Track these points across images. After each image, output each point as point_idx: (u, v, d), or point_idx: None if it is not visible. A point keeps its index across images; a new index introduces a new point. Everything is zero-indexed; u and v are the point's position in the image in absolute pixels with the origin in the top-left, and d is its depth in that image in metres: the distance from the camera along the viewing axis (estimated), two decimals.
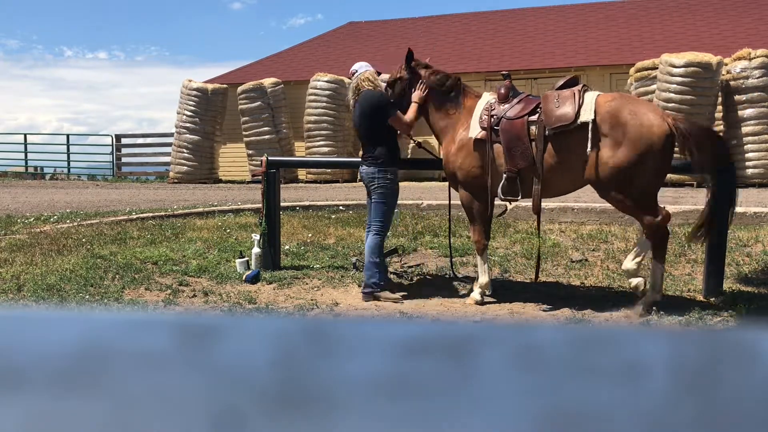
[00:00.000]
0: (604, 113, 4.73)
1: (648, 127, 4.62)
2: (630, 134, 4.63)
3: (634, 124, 4.64)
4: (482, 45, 17.53)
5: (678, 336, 0.38)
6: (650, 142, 4.62)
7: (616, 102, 4.82)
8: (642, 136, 4.63)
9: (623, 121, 4.67)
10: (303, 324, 0.40)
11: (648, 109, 4.83)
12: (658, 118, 4.71)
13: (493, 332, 0.40)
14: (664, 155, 4.69)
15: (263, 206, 6.15)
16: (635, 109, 4.74)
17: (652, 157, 4.63)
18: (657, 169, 4.75)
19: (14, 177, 20.34)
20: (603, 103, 4.80)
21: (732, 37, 15.11)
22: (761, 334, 0.38)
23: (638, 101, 5.14)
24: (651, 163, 4.66)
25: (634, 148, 4.63)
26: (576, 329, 0.39)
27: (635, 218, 5.13)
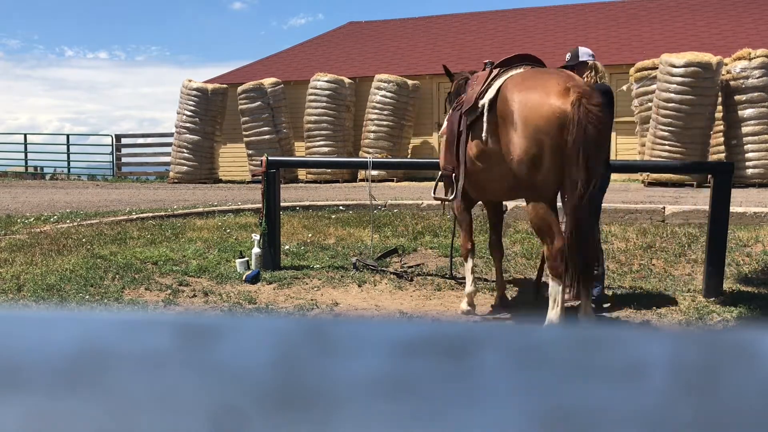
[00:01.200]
0: (502, 96, 4.08)
1: (536, 109, 3.89)
2: (517, 119, 3.95)
3: (522, 106, 3.94)
4: (482, 45, 17.52)
5: (678, 336, 0.38)
6: (539, 126, 3.86)
7: (513, 79, 4.14)
8: (528, 122, 3.90)
9: (510, 101, 4.01)
10: (303, 324, 0.40)
11: (541, 86, 3.97)
12: (551, 96, 3.86)
13: (493, 332, 0.40)
14: (558, 143, 3.82)
15: (263, 206, 6.15)
16: (527, 86, 4.01)
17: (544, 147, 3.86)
18: (551, 164, 3.88)
19: (14, 177, 20.33)
20: (508, 83, 4.13)
21: (732, 37, 15.11)
22: (761, 334, 0.38)
23: (542, 75, 4.12)
24: (546, 156, 3.87)
25: (523, 136, 3.91)
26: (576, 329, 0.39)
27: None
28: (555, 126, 3.81)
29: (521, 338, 0.39)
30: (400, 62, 17.26)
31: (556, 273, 3.90)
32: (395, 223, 7.79)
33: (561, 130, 3.79)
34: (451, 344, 0.38)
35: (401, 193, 10.61)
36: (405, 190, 11.53)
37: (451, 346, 0.38)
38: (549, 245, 3.94)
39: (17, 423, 0.36)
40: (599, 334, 0.39)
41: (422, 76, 15.93)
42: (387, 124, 14.98)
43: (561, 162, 3.82)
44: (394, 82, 15.06)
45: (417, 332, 0.39)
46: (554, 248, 3.89)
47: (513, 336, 0.39)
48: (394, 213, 8.43)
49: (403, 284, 5.66)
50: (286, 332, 0.40)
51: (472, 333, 0.39)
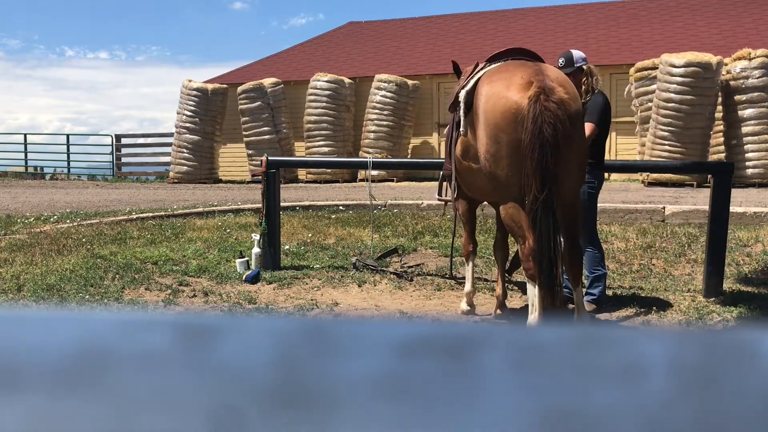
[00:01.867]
0: (477, 89, 3.92)
1: (494, 103, 3.71)
2: (480, 112, 3.79)
3: (484, 99, 3.77)
4: (482, 45, 17.51)
5: (678, 336, 0.38)
6: (495, 122, 3.68)
7: (488, 72, 3.97)
8: (487, 116, 3.72)
9: (478, 95, 3.84)
10: (303, 324, 0.40)
11: (504, 78, 3.77)
12: (510, 89, 3.67)
13: (493, 332, 0.40)
14: (515, 139, 3.62)
15: (263, 206, 6.15)
16: (493, 79, 3.83)
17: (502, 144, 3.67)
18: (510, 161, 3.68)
19: (14, 177, 20.33)
20: (483, 76, 3.97)
21: (732, 37, 15.11)
22: (761, 334, 0.38)
23: (512, 68, 3.89)
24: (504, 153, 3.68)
25: (484, 132, 3.75)
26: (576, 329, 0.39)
27: None
28: (510, 122, 3.61)
29: (521, 338, 0.39)
30: (400, 62, 17.26)
31: (529, 274, 3.73)
32: (395, 223, 7.79)
33: (516, 126, 3.58)
34: (451, 344, 0.38)
35: (401, 193, 10.61)
36: (405, 190, 11.53)
37: (451, 346, 0.38)
38: (521, 245, 3.78)
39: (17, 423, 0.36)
40: (599, 334, 0.39)
41: (422, 76, 15.93)
42: (387, 124, 14.98)
43: (521, 161, 3.61)
44: (394, 82, 15.06)
45: (417, 332, 0.39)
46: (525, 249, 3.71)
47: (513, 336, 0.39)
48: (394, 213, 8.43)
49: (403, 284, 5.66)
50: (286, 332, 0.40)
51: (472, 333, 0.39)
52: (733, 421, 0.34)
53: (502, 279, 4.89)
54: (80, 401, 0.37)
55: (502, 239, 4.94)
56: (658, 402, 0.35)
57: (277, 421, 0.36)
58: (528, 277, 3.74)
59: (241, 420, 0.36)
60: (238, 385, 0.37)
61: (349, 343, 0.39)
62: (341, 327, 0.40)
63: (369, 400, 0.36)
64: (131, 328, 0.41)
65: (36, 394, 0.37)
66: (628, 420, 0.35)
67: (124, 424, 0.36)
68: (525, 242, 3.71)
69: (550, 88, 3.59)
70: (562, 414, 0.35)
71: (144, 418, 0.36)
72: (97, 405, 0.37)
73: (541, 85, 3.58)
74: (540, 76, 3.66)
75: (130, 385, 0.37)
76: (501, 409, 0.36)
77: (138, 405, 0.37)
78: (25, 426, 0.36)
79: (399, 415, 0.36)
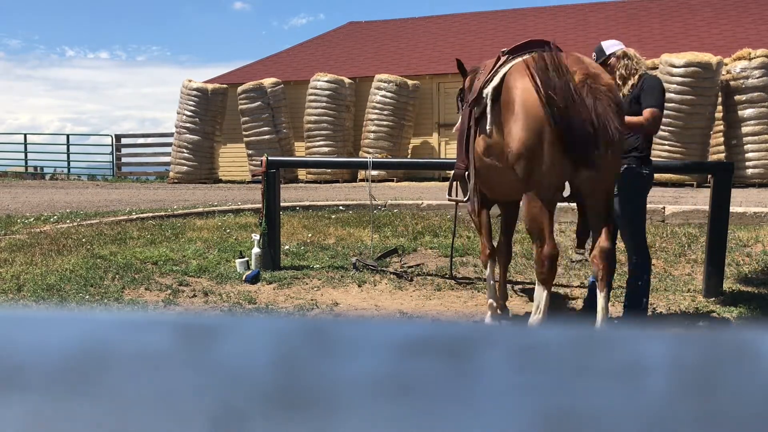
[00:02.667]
0: (506, 83, 3.74)
1: (537, 96, 3.53)
2: (518, 107, 3.60)
3: (523, 92, 3.60)
4: (482, 45, 17.52)
5: (678, 336, 0.38)
6: (537, 115, 3.52)
7: (519, 65, 3.74)
8: (528, 110, 3.56)
9: (513, 89, 3.67)
10: (303, 324, 0.40)
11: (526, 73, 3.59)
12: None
13: (493, 332, 0.40)
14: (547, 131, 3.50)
15: (263, 206, 6.15)
16: (526, 72, 3.63)
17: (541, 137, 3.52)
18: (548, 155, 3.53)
19: (14, 177, 20.33)
20: (513, 69, 3.78)
21: (732, 37, 15.11)
22: (761, 334, 0.38)
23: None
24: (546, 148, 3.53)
25: (522, 125, 3.58)
26: (576, 329, 0.39)
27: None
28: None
29: (521, 338, 0.39)
30: (400, 62, 17.26)
31: (542, 279, 3.64)
32: (395, 223, 7.79)
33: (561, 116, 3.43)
34: (451, 344, 0.38)
35: (401, 193, 10.61)
36: (405, 190, 11.53)
37: (451, 346, 0.38)
38: (538, 248, 3.65)
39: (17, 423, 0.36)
40: (599, 334, 0.39)
41: (422, 76, 15.93)
42: (387, 124, 14.98)
43: (564, 156, 3.46)
44: (394, 82, 15.06)
45: (417, 332, 0.39)
46: (543, 253, 3.59)
47: (513, 336, 0.39)
48: (394, 213, 8.43)
49: (403, 284, 5.66)
50: (286, 332, 0.40)
51: (472, 333, 0.39)
52: (734, 421, 0.34)
53: (504, 282, 4.79)
54: (80, 401, 0.37)
55: (506, 242, 4.77)
56: (659, 402, 0.35)
57: (277, 421, 0.36)
58: (540, 280, 3.65)
59: (241, 420, 0.36)
60: (238, 385, 0.37)
61: (349, 343, 0.39)
62: (341, 327, 0.40)
63: (369, 400, 0.36)
64: (131, 328, 0.41)
65: (36, 394, 0.37)
66: (628, 420, 0.35)
67: (124, 424, 0.36)
68: (542, 246, 3.60)
69: (595, 75, 3.49)
70: (563, 414, 0.35)
71: (144, 418, 0.36)
72: (97, 405, 0.37)
73: (585, 71, 3.47)
74: (580, 63, 3.55)
75: (130, 385, 0.37)
76: (501, 409, 0.36)
77: (138, 405, 0.37)
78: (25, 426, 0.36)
79: (399, 415, 0.36)
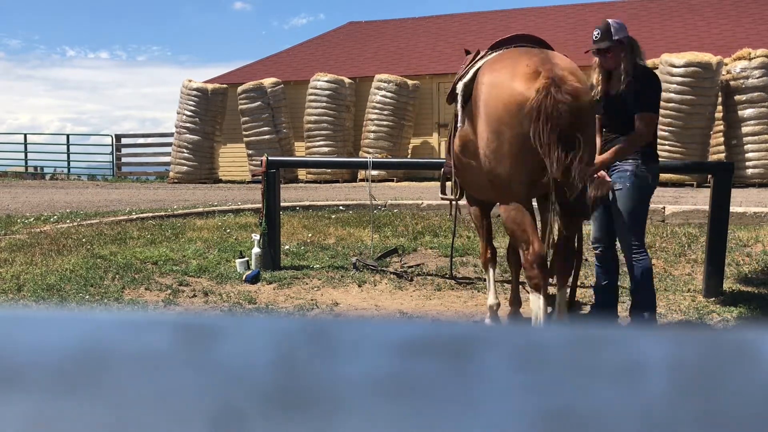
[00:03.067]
0: (477, 79, 3.56)
1: (497, 94, 3.36)
2: (481, 104, 3.44)
3: (486, 89, 3.42)
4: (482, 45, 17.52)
5: (678, 336, 0.38)
6: (498, 115, 3.33)
7: (490, 60, 3.61)
8: (488, 109, 3.38)
9: (479, 85, 3.49)
10: (303, 324, 0.40)
11: (508, 67, 3.42)
12: (515, 79, 3.32)
13: (493, 332, 0.40)
14: (520, 134, 3.27)
15: (263, 206, 6.15)
16: (496, 68, 3.47)
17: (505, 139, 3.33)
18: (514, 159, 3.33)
19: (14, 177, 20.34)
20: (484, 65, 3.62)
21: (732, 37, 15.11)
22: (761, 334, 0.38)
23: (517, 55, 3.53)
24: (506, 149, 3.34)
25: (485, 125, 3.40)
26: (576, 329, 0.39)
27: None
28: (514, 115, 3.25)
29: (521, 338, 0.39)
30: (400, 62, 17.26)
31: (533, 284, 3.39)
32: (395, 223, 7.79)
33: (521, 120, 3.23)
34: (451, 344, 0.38)
35: (401, 193, 10.61)
36: (405, 190, 11.53)
37: (451, 346, 0.38)
38: (524, 251, 3.42)
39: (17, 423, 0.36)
40: (599, 334, 0.39)
41: (422, 76, 15.93)
42: (387, 124, 14.98)
43: (527, 158, 3.27)
44: (394, 82, 15.06)
45: (417, 332, 0.39)
46: (530, 255, 3.37)
47: (513, 336, 0.39)
48: (394, 213, 8.43)
49: (403, 284, 5.66)
50: (286, 332, 0.40)
51: (472, 333, 0.39)
52: (734, 421, 0.34)
53: (516, 287, 4.53)
54: (80, 401, 0.37)
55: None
56: (659, 402, 0.35)
57: (277, 421, 0.36)
58: (532, 286, 3.41)
59: (241, 420, 0.36)
60: (239, 386, 0.37)
61: (349, 343, 0.39)
62: (341, 327, 0.40)
63: (369, 401, 0.36)
64: (131, 328, 0.41)
65: (36, 394, 0.37)
66: (628, 420, 0.35)
67: (124, 424, 0.36)
68: (529, 247, 3.38)
69: (561, 78, 3.24)
70: (563, 414, 0.35)
71: (144, 418, 0.36)
72: (97, 405, 0.37)
73: (550, 74, 3.23)
74: (548, 64, 3.31)
75: (130, 385, 0.37)
76: (501, 409, 0.36)
77: (138, 405, 0.37)
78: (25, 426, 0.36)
79: (399, 415, 0.36)
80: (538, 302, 3.41)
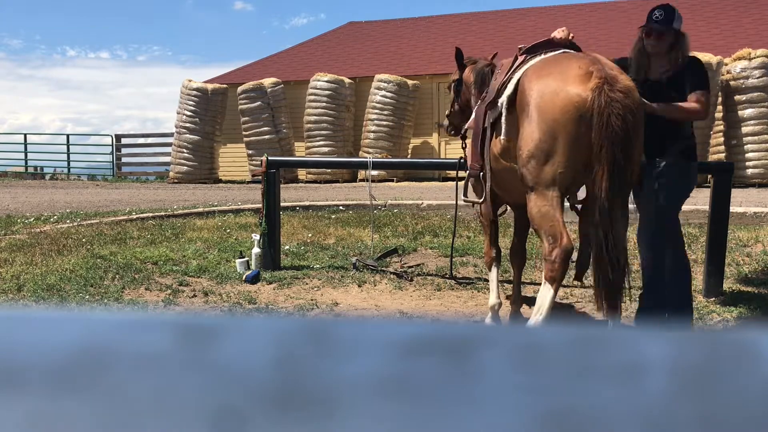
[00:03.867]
0: (521, 87, 3.60)
1: (551, 98, 3.40)
2: (532, 109, 3.47)
3: (537, 95, 3.46)
4: (482, 45, 17.52)
5: (678, 336, 0.38)
6: (553, 118, 3.38)
7: (534, 67, 3.65)
8: (543, 111, 3.42)
9: (527, 91, 3.53)
10: (303, 324, 0.40)
11: (558, 71, 3.48)
12: (568, 82, 3.38)
13: (493, 332, 0.40)
14: (574, 136, 3.34)
15: (263, 206, 6.15)
16: (545, 73, 3.53)
17: (559, 142, 3.38)
18: (567, 159, 3.39)
19: (14, 177, 20.34)
20: (528, 71, 3.65)
21: (732, 37, 15.11)
22: (761, 334, 0.38)
23: (563, 59, 3.62)
24: (559, 151, 3.39)
25: (538, 128, 3.44)
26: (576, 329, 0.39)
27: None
28: (572, 117, 3.33)
29: (521, 338, 0.39)
30: (400, 62, 17.26)
31: (551, 277, 3.39)
32: (395, 223, 7.79)
33: (579, 121, 3.31)
34: (451, 344, 0.38)
35: (401, 193, 10.61)
36: (405, 190, 11.53)
37: (451, 346, 0.38)
38: (551, 244, 3.41)
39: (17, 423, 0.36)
40: (599, 334, 0.39)
41: (422, 76, 15.94)
42: (387, 124, 14.99)
43: (577, 159, 3.36)
44: (394, 82, 15.06)
45: (417, 332, 0.39)
46: (558, 248, 3.38)
47: (513, 336, 0.39)
48: (394, 213, 8.43)
49: (403, 284, 5.66)
50: (286, 332, 0.40)
51: (472, 333, 0.39)
52: (734, 422, 0.34)
53: (518, 286, 4.64)
54: (80, 401, 0.37)
55: (520, 244, 4.64)
56: (659, 402, 0.35)
57: (278, 421, 0.36)
58: (548, 279, 3.41)
59: (241, 420, 0.36)
60: (239, 386, 0.37)
61: (349, 343, 0.39)
62: (341, 327, 0.40)
63: (369, 400, 0.36)
64: (131, 328, 0.41)
65: (36, 394, 0.37)
66: (628, 420, 0.35)
67: (124, 424, 0.36)
68: (558, 241, 3.38)
69: (612, 77, 3.32)
70: (563, 414, 0.35)
71: (144, 419, 0.36)
72: (97, 405, 0.37)
73: (602, 74, 3.31)
74: (597, 65, 3.38)
75: (130, 385, 0.37)
76: (501, 409, 0.36)
77: (138, 405, 0.37)
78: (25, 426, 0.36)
79: (399, 415, 0.36)
80: (549, 294, 3.41)
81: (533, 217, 3.59)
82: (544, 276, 3.51)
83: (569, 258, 3.47)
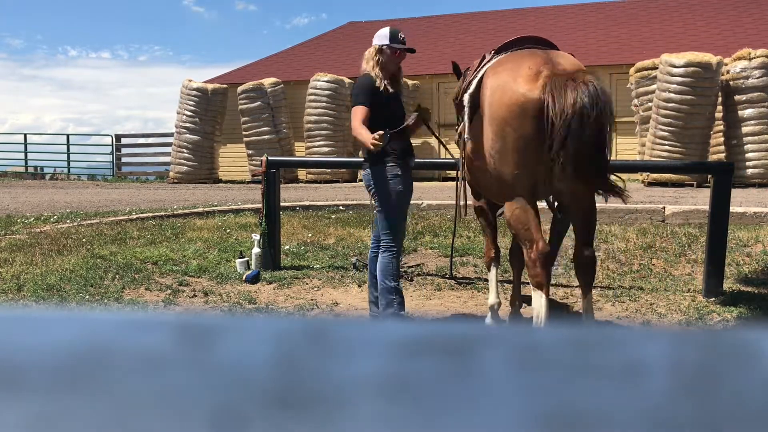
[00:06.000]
0: (483, 83, 3.62)
1: (500, 96, 3.41)
2: (486, 107, 3.50)
3: (490, 92, 3.48)
4: (482, 45, 17.52)
5: (678, 336, 0.38)
6: (501, 116, 3.39)
7: (495, 64, 3.66)
8: (492, 111, 3.44)
9: (483, 89, 3.57)
10: (303, 324, 0.40)
11: (511, 69, 3.47)
12: (519, 83, 3.35)
13: (493, 332, 0.40)
14: (521, 134, 3.35)
15: (263, 206, 6.15)
16: (499, 70, 3.53)
17: (508, 142, 3.39)
18: (517, 160, 3.40)
19: (14, 177, 20.34)
20: (489, 68, 3.67)
21: (732, 37, 15.11)
22: (761, 334, 0.38)
23: (520, 57, 3.58)
24: (510, 149, 3.41)
25: (490, 127, 3.47)
26: (576, 329, 0.39)
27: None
28: (517, 116, 3.31)
29: (521, 338, 0.39)
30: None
31: (536, 282, 3.41)
32: None
33: (523, 120, 3.29)
34: (451, 344, 0.38)
35: None
36: None
37: (451, 346, 0.38)
38: (528, 250, 3.44)
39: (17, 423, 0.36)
40: (599, 334, 0.39)
41: (422, 76, 15.93)
42: None
43: (533, 157, 3.33)
44: None
45: (417, 332, 0.39)
46: (533, 253, 3.40)
47: (513, 336, 0.39)
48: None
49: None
50: (286, 332, 0.40)
51: (472, 333, 0.39)
52: (734, 421, 0.34)
53: (517, 288, 4.63)
54: (80, 401, 0.37)
55: (519, 247, 4.51)
56: (659, 402, 0.35)
57: (278, 421, 0.36)
58: (535, 285, 3.43)
59: (241, 420, 0.36)
60: (238, 386, 0.37)
61: (349, 343, 0.39)
62: (341, 327, 0.40)
63: (369, 400, 0.36)
64: (131, 328, 0.41)
65: (36, 394, 0.37)
66: (628, 420, 0.35)
67: (124, 424, 0.36)
68: (533, 246, 3.40)
69: (566, 75, 3.29)
70: (563, 414, 0.35)
71: (144, 418, 0.36)
72: (97, 405, 0.37)
73: (551, 73, 3.29)
74: (550, 64, 3.36)
75: (130, 385, 0.37)
76: (501, 409, 0.36)
77: (138, 405, 0.37)
78: (25, 426, 0.36)
79: (399, 415, 0.36)
80: (541, 300, 3.41)
81: (508, 222, 3.61)
82: (531, 283, 3.51)
83: (549, 260, 3.48)
